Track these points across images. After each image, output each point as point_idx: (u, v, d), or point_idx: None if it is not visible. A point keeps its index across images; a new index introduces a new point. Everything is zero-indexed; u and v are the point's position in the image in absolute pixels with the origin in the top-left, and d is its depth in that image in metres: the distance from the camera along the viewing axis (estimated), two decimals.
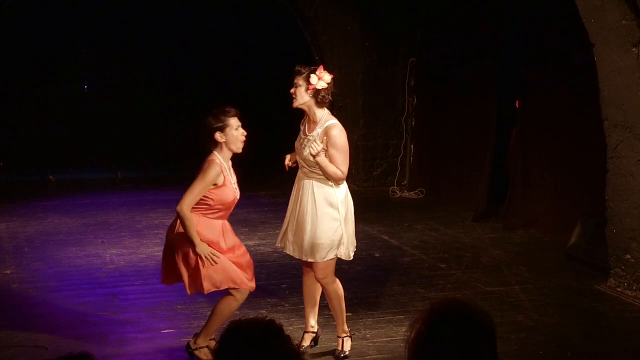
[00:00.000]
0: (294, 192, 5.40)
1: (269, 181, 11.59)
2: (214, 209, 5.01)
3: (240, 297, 5.12)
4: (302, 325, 5.82)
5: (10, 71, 12.17)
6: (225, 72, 12.67)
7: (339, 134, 5.12)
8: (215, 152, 5.03)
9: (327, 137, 5.09)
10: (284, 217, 5.50)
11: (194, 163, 5.31)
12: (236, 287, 5.05)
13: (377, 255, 7.60)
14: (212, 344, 5.18)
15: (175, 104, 12.73)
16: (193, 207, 4.95)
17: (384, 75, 10.99)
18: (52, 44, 12.30)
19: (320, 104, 5.18)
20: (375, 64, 10.91)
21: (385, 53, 10.97)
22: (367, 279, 7.04)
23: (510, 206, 8.91)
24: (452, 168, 10.27)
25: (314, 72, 5.16)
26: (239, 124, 5.05)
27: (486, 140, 9.39)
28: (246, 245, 7.92)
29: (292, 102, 5.26)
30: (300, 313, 6.11)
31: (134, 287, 6.78)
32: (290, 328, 5.71)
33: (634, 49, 6.11)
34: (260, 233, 8.65)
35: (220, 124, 5.00)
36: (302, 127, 5.36)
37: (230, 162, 5.12)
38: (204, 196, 4.95)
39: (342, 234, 5.15)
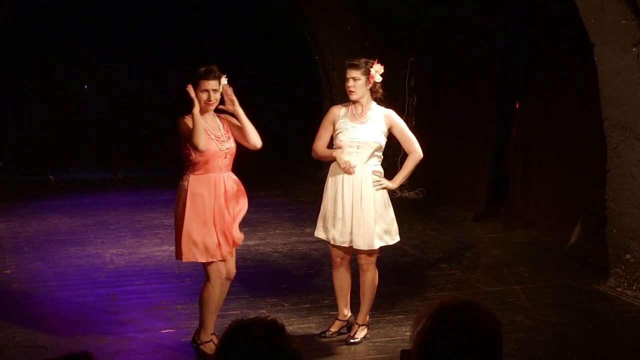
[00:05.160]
0: (341, 184, 5.39)
1: (268, 182, 11.61)
2: (198, 163, 5.09)
3: (215, 282, 5.18)
4: (302, 325, 5.86)
5: (10, 71, 12.17)
6: (226, 72, 12.66)
7: (399, 117, 5.58)
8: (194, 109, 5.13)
9: (390, 121, 5.46)
10: (283, 217, 5.57)
11: None
12: (212, 260, 5.11)
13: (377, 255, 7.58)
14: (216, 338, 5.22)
15: (176, 104, 12.71)
16: (185, 170, 5.16)
17: (384, 75, 10.97)
18: (52, 43, 12.29)
19: (373, 94, 5.47)
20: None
21: (385, 53, 10.96)
22: None
23: (510, 206, 8.91)
24: (452, 168, 10.27)
25: (371, 66, 5.39)
26: (207, 88, 5.11)
27: (486, 140, 9.40)
28: (246, 245, 8.02)
29: (350, 94, 5.40)
30: (300, 313, 6.13)
31: (134, 287, 6.78)
32: (290, 328, 5.71)
33: (634, 49, 6.12)
34: (260, 233, 8.65)
35: (194, 79, 5.14)
36: (338, 115, 5.44)
37: (212, 117, 5.21)
38: (185, 154, 5.12)
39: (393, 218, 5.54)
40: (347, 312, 5.68)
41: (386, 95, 5.62)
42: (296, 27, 11.37)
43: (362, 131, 5.35)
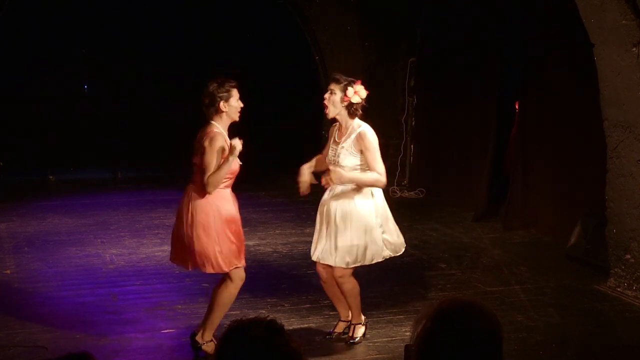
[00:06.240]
0: (325, 199, 5.43)
1: (269, 182, 11.61)
2: (225, 179, 5.08)
3: (237, 285, 5.22)
4: (302, 325, 5.86)
5: (10, 71, 12.17)
6: (226, 72, 12.66)
7: (371, 136, 5.27)
8: (214, 122, 5.10)
9: (360, 144, 5.23)
10: (283, 217, 5.56)
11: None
12: (238, 266, 5.18)
13: None
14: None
15: (176, 104, 12.74)
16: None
17: (384, 75, 10.99)
18: (52, 44, 12.30)
19: (352, 115, 5.34)
20: (375, 64, 10.90)
21: (385, 53, 10.98)
22: (367, 279, 7.02)
23: (510, 206, 8.92)
24: (452, 168, 10.27)
25: (351, 84, 5.29)
26: (238, 95, 5.16)
27: (486, 140, 9.40)
28: (246, 245, 8.00)
29: (325, 110, 5.38)
30: (300, 313, 6.14)
31: (134, 287, 6.78)
32: (290, 328, 5.71)
33: (634, 49, 6.12)
34: (260, 233, 8.65)
35: (225, 94, 5.09)
36: (332, 133, 5.48)
37: (227, 132, 5.19)
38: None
39: (369, 241, 5.29)
40: (348, 313, 5.69)
41: (386, 96, 5.58)
42: (296, 27, 11.37)
43: (336, 153, 5.34)
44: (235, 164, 5.10)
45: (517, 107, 9.32)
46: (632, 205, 6.50)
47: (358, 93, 5.29)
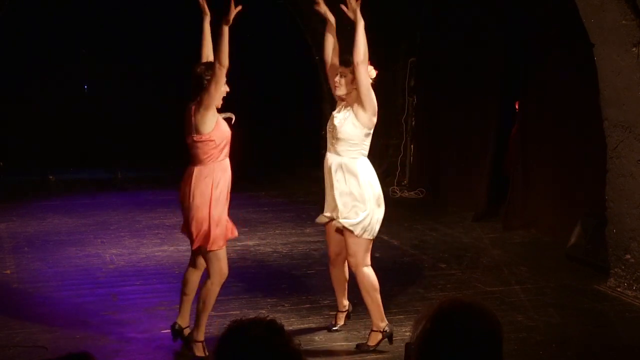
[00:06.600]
0: (326, 175, 5.41)
1: (269, 182, 11.61)
2: (220, 147, 5.09)
3: (217, 281, 5.18)
4: (301, 326, 5.86)
5: (10, 71, 12.17)
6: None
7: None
8: None
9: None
10: (283, 217, 5.51)
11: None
12: (228, 238, 5.21)
13: (377, 255, 7.58)
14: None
15: (175, 104, 12.72)
16: (206, 160, 5.05)
17: (384, 75, 10.97)
18: (52, 44, 12.30)
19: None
20: (375, 64, 10.87)
21: (385, 53, 10.96)
22: None
23: (510, 206, 8.92)
24: (452, 168, 10.27)
25: None
26: (225, 79, 5.16)
27: (486, 140, 9.40)
28: (246, 245, 8.04)
29: (335, 89, 5.41)
30: (300, 313, 6.14)
31: (134, 287, 6.78)
32: (290, 328, 5.71)
33: (634, 49, 6.12)
34: (260, 233, 8.65)
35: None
36: (338, 106, 5.47)
37: None
38: (210, 141, 5.02)
39: (371, 214, 5.20)
40: (345, 303, 5.71)
41: (386, 96, 5.58)
42: (296, 27, 11.36)
43: (335, 120, 5.31)
44: (226, 126, 5.12)
45: (517, 107, 9.33)
46: (632, 205, 6.50)
47: (369, 75, 5.35)
